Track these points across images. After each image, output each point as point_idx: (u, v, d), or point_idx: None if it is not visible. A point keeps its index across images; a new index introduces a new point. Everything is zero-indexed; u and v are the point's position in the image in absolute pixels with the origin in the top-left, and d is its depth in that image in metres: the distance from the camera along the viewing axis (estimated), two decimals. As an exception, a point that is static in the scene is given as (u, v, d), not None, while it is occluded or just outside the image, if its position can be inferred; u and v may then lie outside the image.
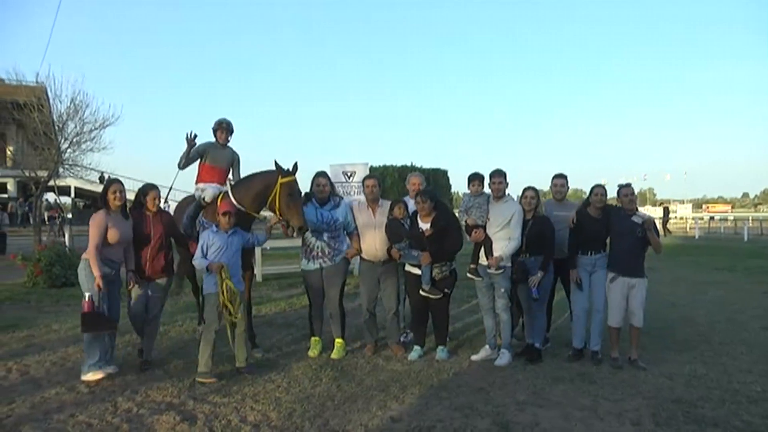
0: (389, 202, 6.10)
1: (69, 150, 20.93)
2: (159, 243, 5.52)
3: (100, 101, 24.40)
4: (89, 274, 5.06)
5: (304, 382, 5.11)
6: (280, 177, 5.54)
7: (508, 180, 5.78)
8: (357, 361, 5.72)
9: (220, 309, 5.22)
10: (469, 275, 5.88)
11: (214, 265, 5.22)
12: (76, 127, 20.50)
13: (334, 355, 5.85)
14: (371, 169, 13.14)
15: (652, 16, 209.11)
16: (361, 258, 6.15)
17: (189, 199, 6.50)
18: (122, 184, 5.41)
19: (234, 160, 6.57)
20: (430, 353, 5.91)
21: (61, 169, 19.91)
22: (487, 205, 5.77)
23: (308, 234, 5.82)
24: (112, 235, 5.18)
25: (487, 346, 5.83)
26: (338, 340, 5.99)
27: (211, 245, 5.30)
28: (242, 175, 6.32)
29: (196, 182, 6.35)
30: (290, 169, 5.59)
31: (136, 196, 5.59)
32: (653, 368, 5.40)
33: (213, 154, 6.39)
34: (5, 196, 24.49)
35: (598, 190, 5.75)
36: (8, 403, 4.59)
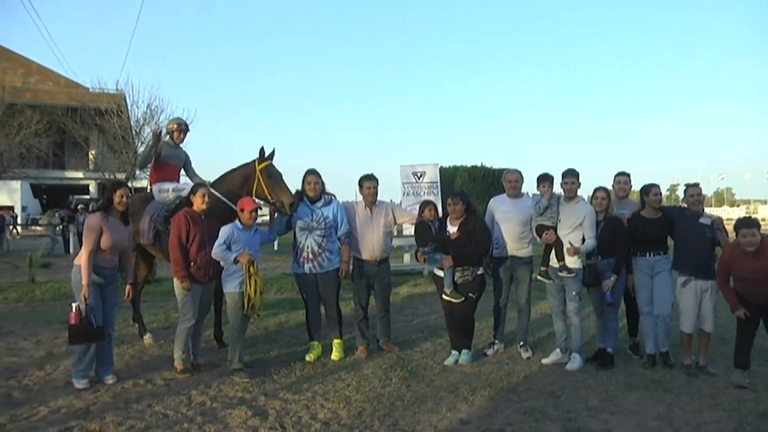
0: (386, 204, 6.12)
1: (145, 153, 21.90)
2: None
3: (175, 106, 25.53)
4: (79, 282, 4.86)
5: (374, 381, 5.14)
6: (257, 164, 5.82)
7: (580, 180, 5.64)
8: (426, 362, 5.71)
9: (246, 307, 5.14)
10: (539, 278, 5.77)
11: (244, 256, 5.06)
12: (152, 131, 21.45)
13: (334, 356, 5.80)
14: (441, 169, 13.08)
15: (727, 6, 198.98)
16: (356, 258, 6.05)
17: (145, 197, 6.52)
18: (129, 188, 5.24)
19: (187, 159, 6.70)
20: (502, 356, 5.83)
21: (137, 172, 20.91)
22: (557, 206, 5.64)
23: (298, 233, 5.84)
24: (105, 241, 4.92)
25: (557, 350, 5.71)
26: (336, 340, 5.93)
27: (236, 242, 5.16)
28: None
29: (155, 181, 6.35)
30: (265, 155, 5.85)
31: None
32: (736, 379, 5.12)
33: (171, 153, 6.46)
34: (87, 197, 25.94)
35: (656, 190, 5.55)
36: (93, 392, 4.85)
